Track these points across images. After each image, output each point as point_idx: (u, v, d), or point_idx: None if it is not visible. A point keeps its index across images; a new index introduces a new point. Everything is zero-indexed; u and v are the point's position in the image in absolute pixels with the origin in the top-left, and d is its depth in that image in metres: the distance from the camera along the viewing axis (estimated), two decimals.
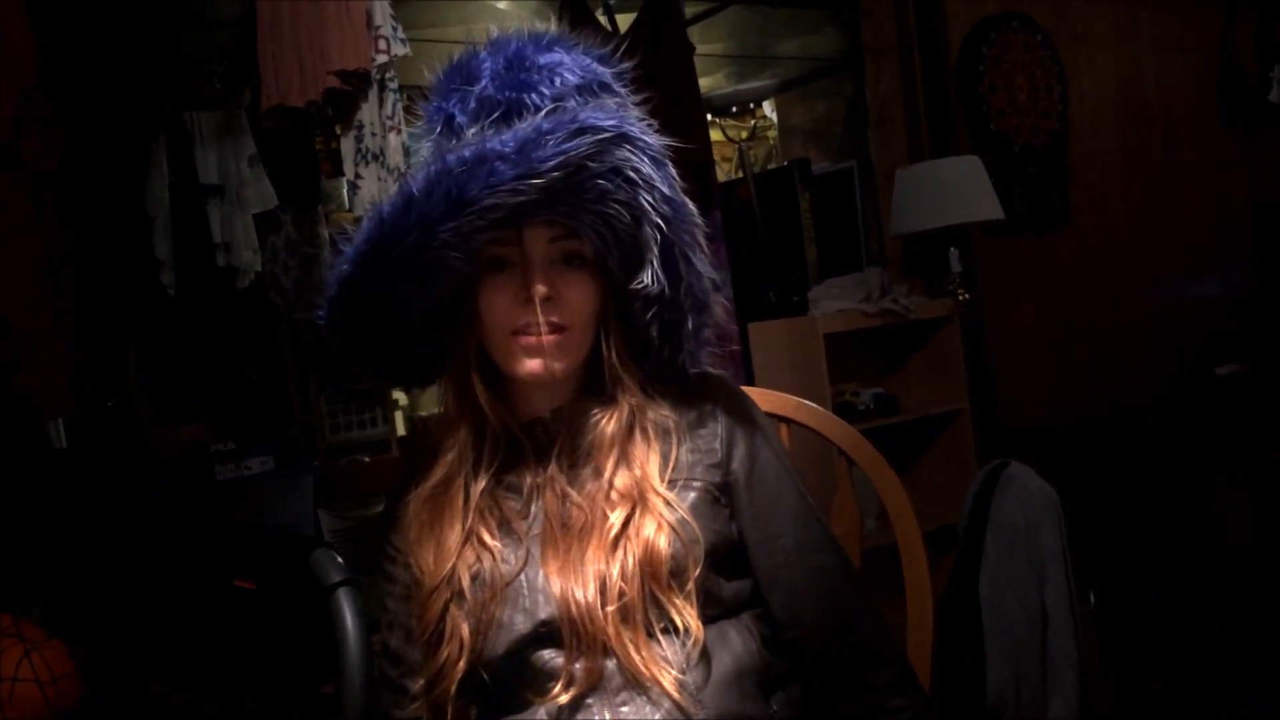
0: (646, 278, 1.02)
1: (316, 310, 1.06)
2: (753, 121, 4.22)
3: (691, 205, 1.05)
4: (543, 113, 0.98)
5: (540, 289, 1.01)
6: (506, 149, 0.94)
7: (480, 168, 0.94)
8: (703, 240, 1.07)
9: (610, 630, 0.99)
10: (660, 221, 1.00)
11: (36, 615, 1.57)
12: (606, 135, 0.96)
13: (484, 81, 1.03)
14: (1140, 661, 2.69)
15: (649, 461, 1.05)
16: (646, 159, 0.99)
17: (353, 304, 1.03)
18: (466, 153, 0.95)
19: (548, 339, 1.03)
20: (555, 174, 0.94)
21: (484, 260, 1.02)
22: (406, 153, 2.48)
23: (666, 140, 1.02)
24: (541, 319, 1.02)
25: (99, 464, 2.08)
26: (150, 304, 2.72)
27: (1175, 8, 4.26)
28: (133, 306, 2.64)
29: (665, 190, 1.01)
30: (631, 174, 0.98)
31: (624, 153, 0.98)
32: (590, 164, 0.96)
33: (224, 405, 2.75)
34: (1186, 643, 2.72)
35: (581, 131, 0.95)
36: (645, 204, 0.99)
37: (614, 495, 1.04)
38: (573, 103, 1.00)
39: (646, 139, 1.00)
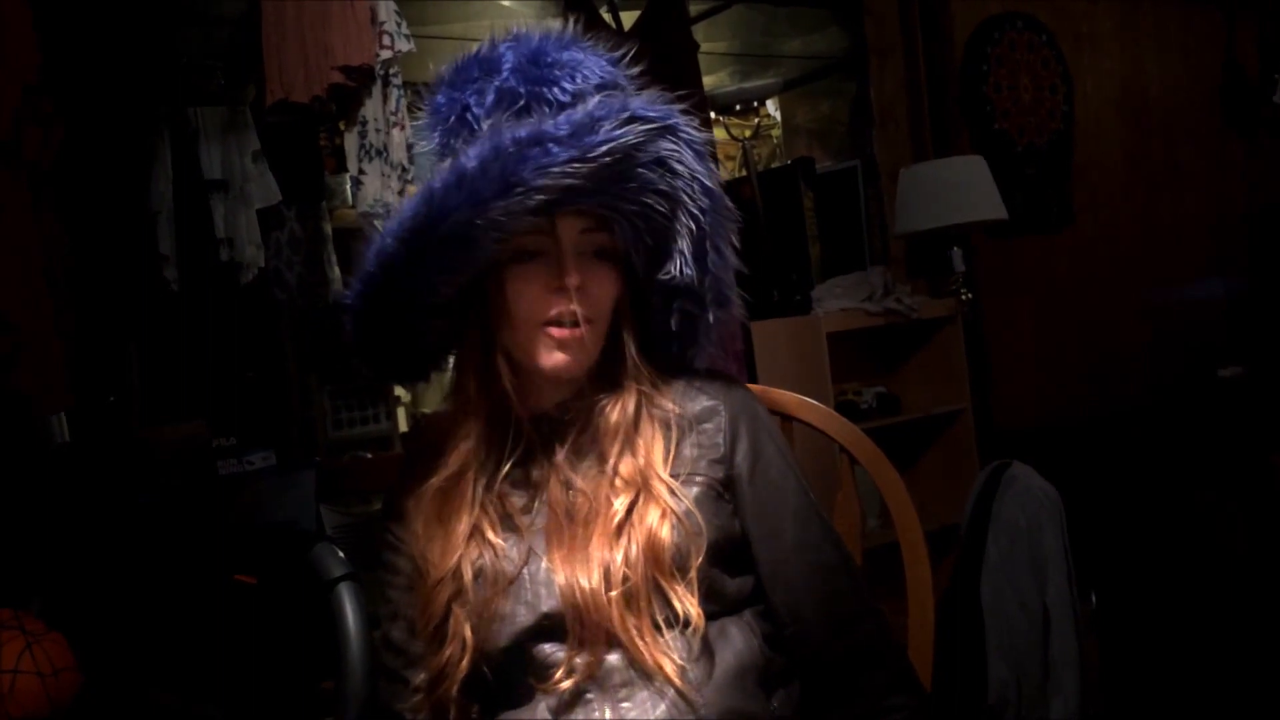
0: (674, 268, 1.04)
1: (338, 291, 1.06)
2: (756, 120, 4.22)
3: (728, 199, 1.07)
4: (594, 100, 0.99)
5: (574, 279, 1.01)
6: (561, 132, 0.96)
7: (534, 148, 0.95)
8: (735, 234, 1.08)
9: (614, 615, 0.99)
10: (698, 213, 1.02)
11: (35, 609, 1.57)
12: (654, 125, 0.98)
13: (505, 74, 1.03)
14: (1140, 662, 2.69)
15: (654, 448, 1.06)
16: (690, 151, 1.01)
17: (385, 286, 1.03)
18: (522, 133, 0.96)
19: (578, 332, 1.03)
20: (605, 159, 0.96)
21: (511, 250, 1.02)
22: (410, 149, 2.48)
23: (709, 135, 1.04)
24: (574, 309, 1.02)
25: (99, 459, 2.08)
26: (152, 299, 2.72)
27: (1178, 9, 4.26)
28: (133, 302, 2.64)
29: (706, 182, 1.02)
30: (675, 165, 1.00)
31: (668, 144, 0.99)
32: (636, 153, 0.98)
33: (224, 401, 2.75)
34: (1186, 643, 2.72)
35: (632, 120, 0.97)
36: (684, 195, 1.01)
37: (618, 482, 1.04)
38: (595, 100, 1.00)
39: (691, 131, 1.01)
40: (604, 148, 0.95)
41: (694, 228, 1.02)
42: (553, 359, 1.04)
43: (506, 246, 1.01)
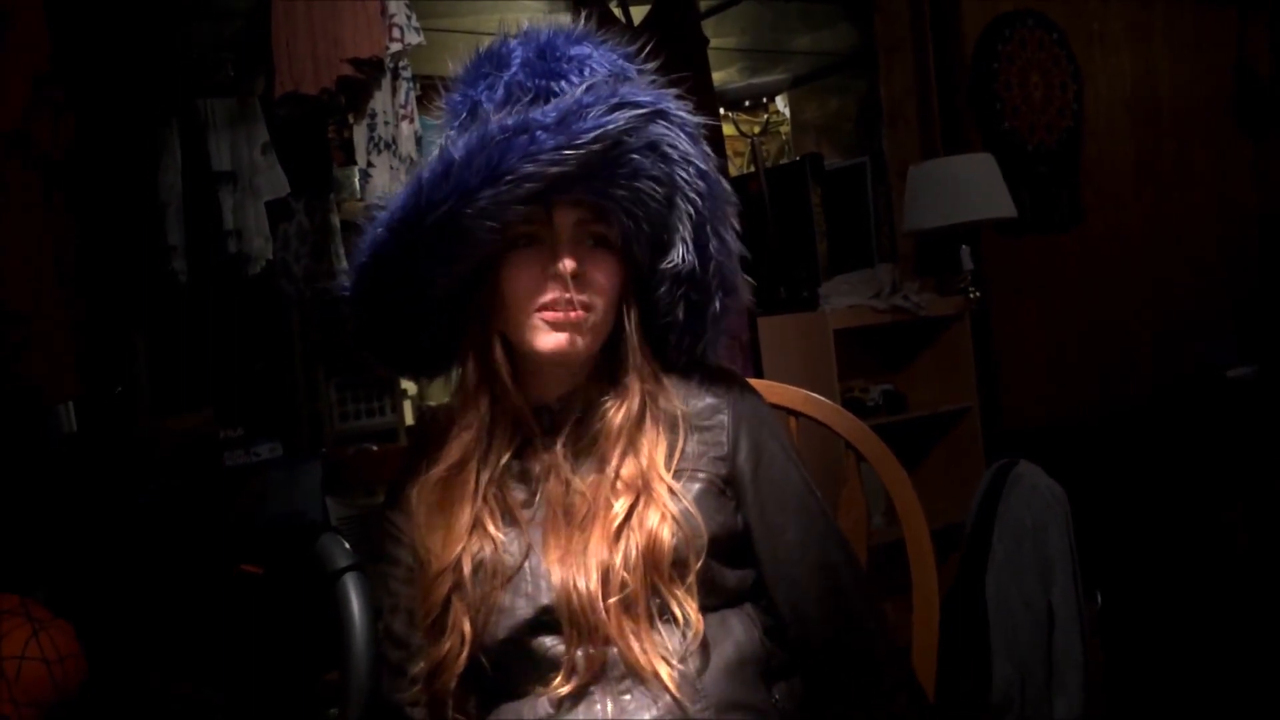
0: (677, 256, 1.03)
1: (340, 283, 1.07)
2: (765, 116, 4.20)
3: (725, 182, 1.06)
4: (583, 86, 0.99)
5: (569, 263, 1.01)
6: (548, 119, 0.96)
7: (521, 136, 0.95)
8: (735, 218, 1.08)
9: (612, 622, 0.98)
10: (695, 197, 1.02)
11: (41, 597, 1.58)
12: (644, 110, 0.98)
13: (514, 68, 1.03)
14: (1145, 662, 2.68)
15: (656, 450, 1.05)
16: (683, 135, 1.01)
17: (379, 275, 1.03)
18: (509, 121, 0.96)
19: (574, 315, 1.02)
20: (594, 146, 0.96)
21: (511, 238, 1.02)
22: (419, 142, 2.48)
23: (701, 118, 1.03)
24: (569, 294, 1.02)
25: (107, 449, 2.08)
26: (159, 290, 2.72)
27: (1190, 10, 4.24)
28: (141, 293, 2.65)
29: (701, 165, 1.02)
30: (668, 149, 0.99)
31: (660, 128, 0.99)
32: (627, 138, 0.97)
33: (231, 393, 2.75)
34: (1191, 644, 2.71)
35: (620, 106, 0.97)
36: (680, 180, 1.01)
37: (619, 485, 1.03)
38: (584, 88, 1.00)
39: (683, 115, 1.01)
40: (592, 134, 0.95)
41: (693, 213, 1.02)
42: (548, 342, 1.03)
43: (504, 235, 1.01)
